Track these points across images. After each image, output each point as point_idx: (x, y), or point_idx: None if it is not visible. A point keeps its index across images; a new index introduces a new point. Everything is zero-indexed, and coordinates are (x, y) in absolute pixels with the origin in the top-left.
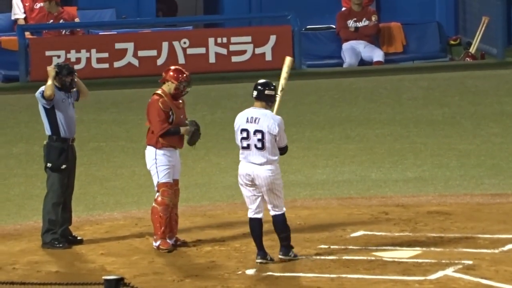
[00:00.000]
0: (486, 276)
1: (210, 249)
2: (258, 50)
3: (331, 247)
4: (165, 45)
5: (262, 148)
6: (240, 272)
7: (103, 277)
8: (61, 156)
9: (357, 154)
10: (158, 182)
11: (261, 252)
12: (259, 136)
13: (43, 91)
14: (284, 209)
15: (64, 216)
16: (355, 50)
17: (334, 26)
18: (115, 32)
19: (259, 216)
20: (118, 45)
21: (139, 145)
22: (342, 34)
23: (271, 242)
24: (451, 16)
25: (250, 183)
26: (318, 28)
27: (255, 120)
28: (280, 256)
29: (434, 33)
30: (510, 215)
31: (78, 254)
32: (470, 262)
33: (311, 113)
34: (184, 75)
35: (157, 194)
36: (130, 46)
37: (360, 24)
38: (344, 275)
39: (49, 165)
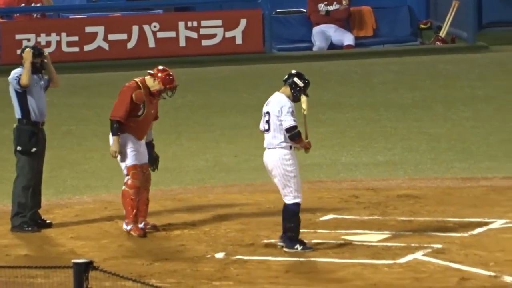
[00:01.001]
0: (456, 260)
1: (179, 233)
2: (229, 34)
3: (301, 230)
4: (135, 28)
5: (268, 129)
6: (209, 256)
7: (72, 261)
8: (31, 140)
9: (327, 138)
10: (126, 165)
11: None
12: (266, 117)
13: (18, 77)
14: (296, 200)
15: (34, 200)
16: (325, 34)
17: (304, 10)
18: (85, 16)
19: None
20: (88, 29)
21: (109, 129)
22: (312, 18)
23: (241, 226)
24: (422, 0)
25: (268, 169)
26: (288, 11)
27: (269, 103)
28: (285, 249)
29: (405, 17)
30: (480, 199)
31: (48, 237)
32: (440, 246)
33: None
34: (173, 84)
35: (127, 177)
36: (100, 29)
37: (331, 8)
38: (313, 259)
39: (19, 148)
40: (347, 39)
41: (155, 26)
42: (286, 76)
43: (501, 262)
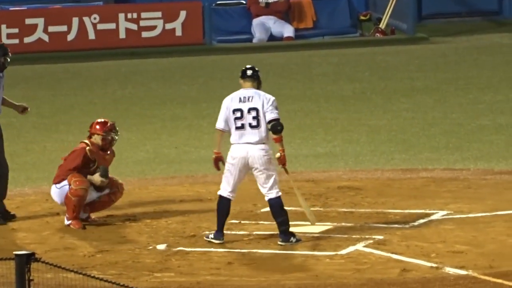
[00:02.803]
0: (397, 251)
1: (121, 224)
2: (168, 26)
3: (242, 222)
4: (75, 20)
5: (257, 126)
6: (151, 247)
7: (14, 252)
8: None
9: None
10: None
11: (219, 232)
12: (253, 114)
13: None
14: (280, 193)
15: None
16: (265, 25)
17: (244, 2)
18: (25, 8)
19: (231, 196)
20: (28, 21)
21: (50, 121)
22: (252, 9)
23: (182, 217)
24: None
25: (242, 166)
26: (228, 3)
27: (248, 99)
28: (280, 243)
29: (344, 8)
30: (420, 190)
31: None
32: (381, 237)
33: (222, 89)
34: (108, 124)
35: (69, 186)
36: (40, 21)
37: (270, 0)
38: (255, 250)
39: None
40: (287, 30)
41: (95, 18)
42: (250, 71)
43: (442, 253)
